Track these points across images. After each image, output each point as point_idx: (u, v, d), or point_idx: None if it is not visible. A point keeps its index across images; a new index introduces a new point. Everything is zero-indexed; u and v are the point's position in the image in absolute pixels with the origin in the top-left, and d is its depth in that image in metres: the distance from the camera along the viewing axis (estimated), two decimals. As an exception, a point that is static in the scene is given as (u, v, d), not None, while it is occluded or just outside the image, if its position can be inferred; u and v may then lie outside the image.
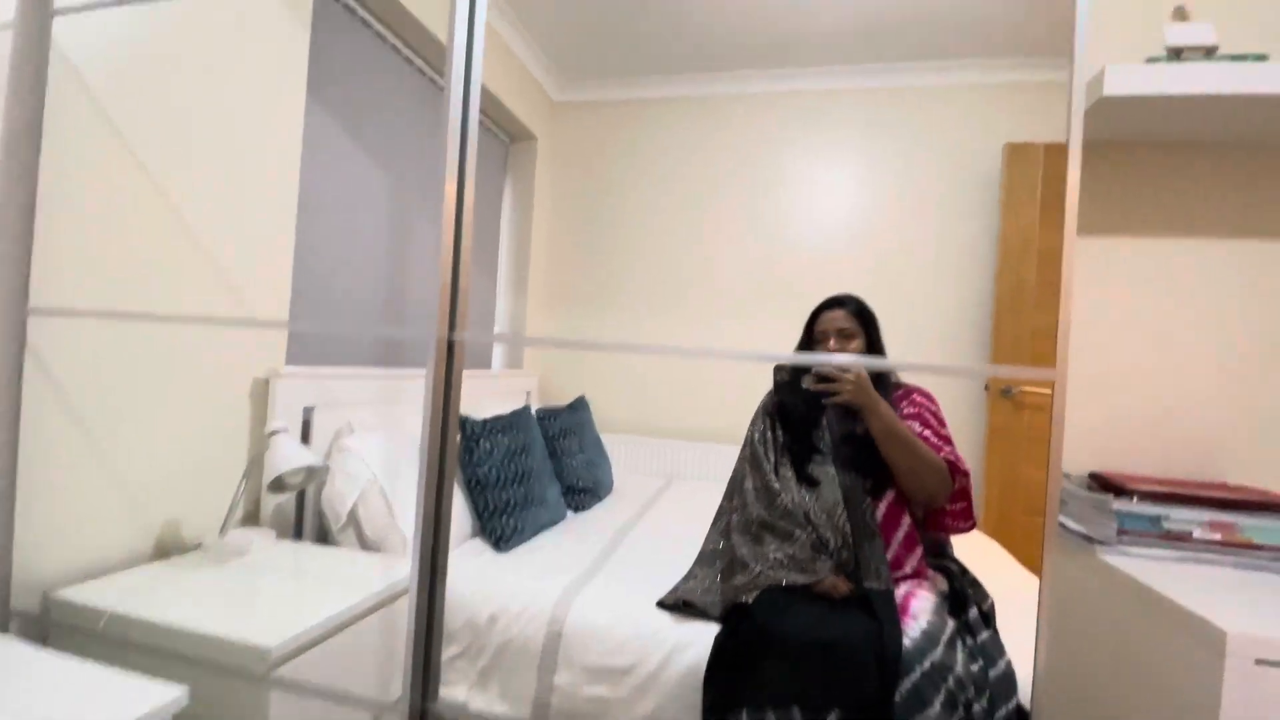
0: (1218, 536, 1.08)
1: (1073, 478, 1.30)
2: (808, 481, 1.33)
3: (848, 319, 1.37)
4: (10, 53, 1.01)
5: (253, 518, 1.48)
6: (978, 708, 1.01)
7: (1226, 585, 1.01)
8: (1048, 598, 0.73)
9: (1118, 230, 1.33)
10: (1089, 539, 1.16)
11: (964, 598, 1.20)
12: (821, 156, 2.90)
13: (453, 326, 0.89)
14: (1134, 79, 1.09)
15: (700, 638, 1.23)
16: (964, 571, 1.31)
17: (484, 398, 2.49)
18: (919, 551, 1.25)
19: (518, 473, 1.81)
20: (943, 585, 1.25)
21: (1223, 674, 0.83)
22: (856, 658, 1.04)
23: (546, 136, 3.15)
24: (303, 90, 1.56)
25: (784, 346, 1.55)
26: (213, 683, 0.94)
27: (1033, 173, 2.47)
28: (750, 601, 1.21)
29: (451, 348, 0.88)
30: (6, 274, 1.01)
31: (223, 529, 1.31)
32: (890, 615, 1.10)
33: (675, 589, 1.37)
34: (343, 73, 1.86)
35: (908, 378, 1.47)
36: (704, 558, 1.43)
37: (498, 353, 3.05)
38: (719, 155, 3.01)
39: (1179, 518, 1.10)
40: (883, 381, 1.36)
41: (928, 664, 1.03)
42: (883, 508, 1.27)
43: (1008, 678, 1.06)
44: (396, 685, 1.22)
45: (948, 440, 1.31)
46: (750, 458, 1.42)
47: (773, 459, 1.39)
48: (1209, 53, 1.11)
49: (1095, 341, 1.33)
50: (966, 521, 1.30)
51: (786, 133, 2.94)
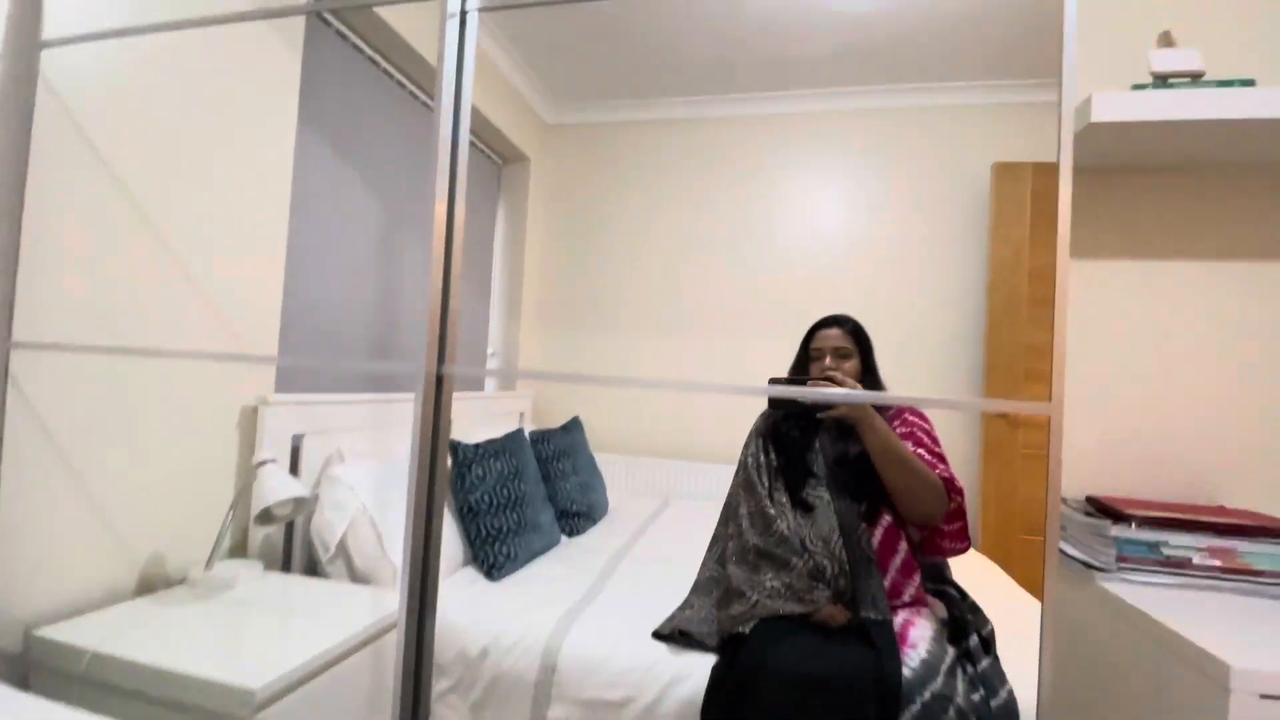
0: (1218, 563, 1.07)
1: (1069, 501, 1.29)
2: (802, 506, 1.32)
3: (844, 338, 1.38)
4: (-3, 85, 1.00)
5: (240, 549, 1.46)
6: (980, 739, 0.99)
7: (1229, 615, 1.00)
8: (1050, 628, 0.71)
9: (1109, 253, 1.34)
10: (1089, 565, 1.15)
11: (964, 624, 1.19)
12: (813, 177, 2.93)
13: (442, 359, 0.87)
14: (1121, 106, 1.10)
15: (698, 669, 1.21)
16: (963, 596, 1.30)
17: (476, 420, 2.47)
18: (917, 578, 1.24)
19: (511, 498, 1.79)
20: (942, 612, 1.23)
21: (1228, 710, 0.82)
22: (856, 690, 1.02)
23: (539, 158, 3.17)
24: (294, 115, 1.56)
25: (778, 366, 1.54)
26: (195, 727, 0.91)
27: (1022, 191, 2.50)
28: (748, 632, 1.19)
29: (440, 381, 0.86)
30: (-11, 307, 0.99)
31: (209, 562, 1.28)
32: (889, 646, 1.08)
33: (672, 618, 1.35)
34: (335, 97, 1.86)
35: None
36: (700, 586, 1.41)
37: (491, 374, 3.02)
38: (712, 176, 3.03)
39: (1178, 544, 1.09)
40: None
41: (928, 695, 1.01)
42: (879, 534, 1.25)
43: (1009, 708, 1.04)
44: (386, 721, 1.19)
45: (942, 458, 1.30)
46: (744, 482, 1.41)
47: (766, 483, 1.37)
48: (1195, 78, 1.12)
49: (1087, 364, 1.33)
50: (962, 542, 1.28)
51: (778, 154, 2.96)
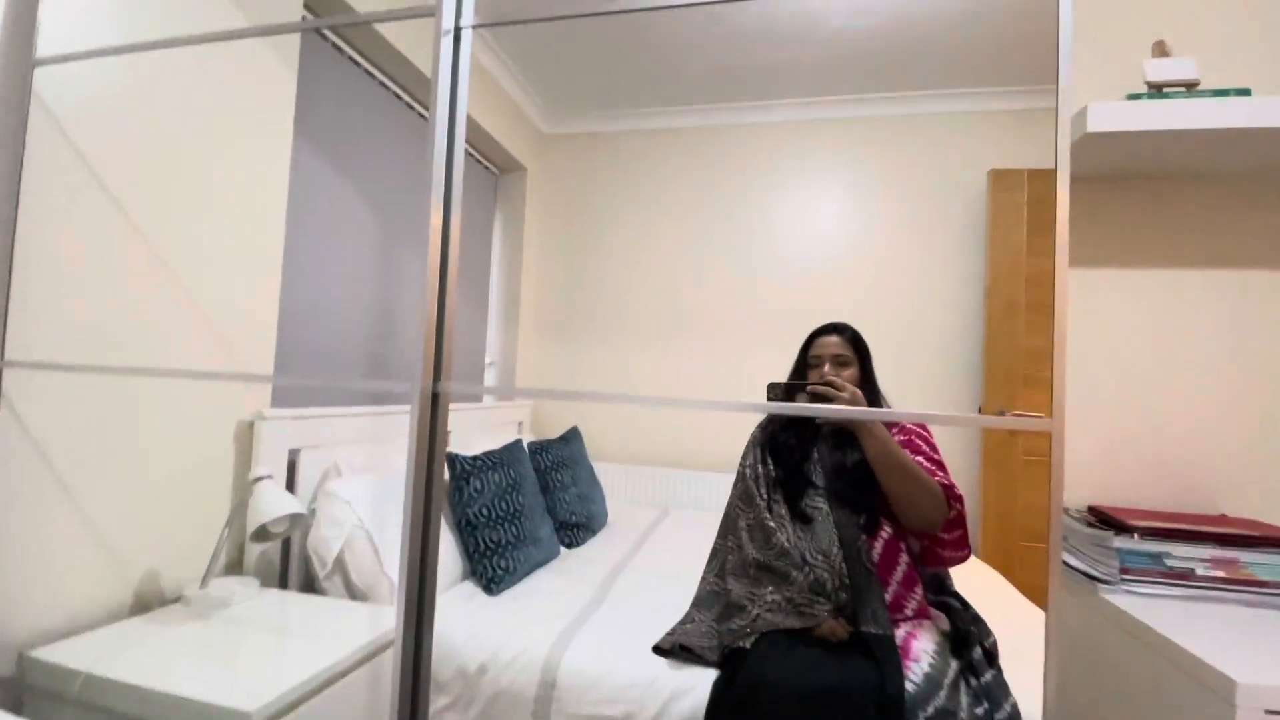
0: (1221, 574, 1.06)
1: (1071, 511, 1.28)
2: (802, 518, 1.31)
3: (843, 345, 1.37)
4: (-10, 104, 1.00)
5: (236, 565, 1.44)
6: (984, 755, 0.98)
7: (1234, 627, 0.99)
8: (1053, 643, 0.71)
9: (1106, 262, 1.33)
10: (1091, 577, 1.14)
11: (967, 636, 1.17)
12: (810, 186, 2.93)
13: (438, 375, 0.87)
14: (1116, 116, 1.10)
15: (698, 684, 1.20)
16: (965, 607, 1.28)
17: (475, 430, 2.46)
18: (919, 590, 1.23)
19: (509, 510, 1.77)
20: (944, 624, 1.22)
21: (1234, 725, 0.81)
22: (858, 705, 1.02)
23: (536, 168, 3.17)
24: (290, 128, 1.55)
25: (776, 375, 1.54)
26: (190, 750, 0.90)
27: (1018, 197, 2.50)
28: (749, 646, 1.18)
29: (436, 398, 0.86)
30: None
31: (204, 580, 1.27)
32: (892, 660, 1.07)
33: (672, 632, 1.33)
34: (330, 111, 1.86)
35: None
36: (700, 600, 1.40)
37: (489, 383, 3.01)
38: (708, 185, 3.03)
39: (1181, 555, 1.08)
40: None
41: (931, 710, 1.00)
42: (879, 546, 1.24)
43: (1013, 722, 1.03)
44: (384, 740, 1.17)
45: (941, 466, 1.29)
46: (743, 494, 1.40)
47: (765, 494, 1.36)
48: (1190, 88, 1.12)
49: (1086, 372, 1.33)
50: (962, 551, 1.27)
51: (775, 162, 2.97)
